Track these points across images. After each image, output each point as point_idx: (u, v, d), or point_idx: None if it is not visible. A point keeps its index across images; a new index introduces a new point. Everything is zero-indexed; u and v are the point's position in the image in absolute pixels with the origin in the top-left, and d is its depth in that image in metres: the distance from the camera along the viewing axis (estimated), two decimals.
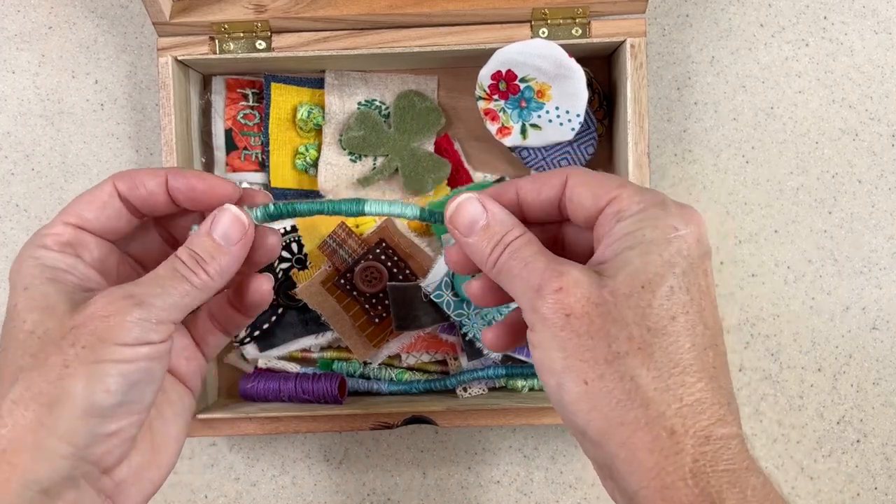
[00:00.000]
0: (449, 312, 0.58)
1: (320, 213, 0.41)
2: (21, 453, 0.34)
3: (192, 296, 0.38)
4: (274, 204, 0.40)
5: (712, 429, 0.33)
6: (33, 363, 0.35)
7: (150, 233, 0.43)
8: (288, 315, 0.62)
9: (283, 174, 0.62)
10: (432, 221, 0.41)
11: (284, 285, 0.61)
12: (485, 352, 0.60)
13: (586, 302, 0.34)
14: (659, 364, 0.33)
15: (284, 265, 0.61)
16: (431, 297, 0.58)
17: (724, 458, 0.33)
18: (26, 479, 0.34)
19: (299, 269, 0.61)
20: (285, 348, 0.62)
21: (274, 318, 0.61)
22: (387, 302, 0.60)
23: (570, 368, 0.34)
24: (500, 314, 0.58)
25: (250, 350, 0.62)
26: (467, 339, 0.60)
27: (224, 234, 0.38)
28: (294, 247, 0.61)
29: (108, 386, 0.35)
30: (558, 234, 0.41)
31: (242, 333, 0.61)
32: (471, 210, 0.38)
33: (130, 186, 0.40)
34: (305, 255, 0.61)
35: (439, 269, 0.58)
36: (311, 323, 0.61)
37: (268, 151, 0.62)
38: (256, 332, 0.61)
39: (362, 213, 0.41)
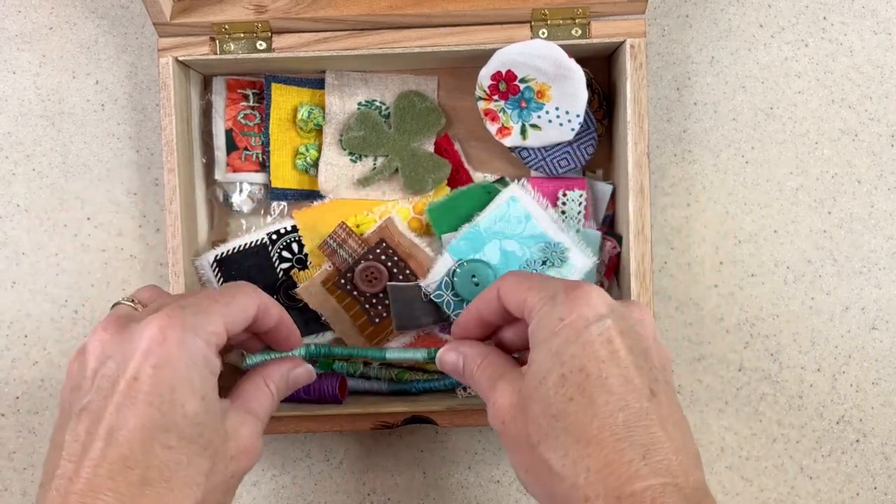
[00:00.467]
0: (449, 312, 0.58)
1: (350, 356, 0.60)
2: None
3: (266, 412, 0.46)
4: (315, 345, 0.59)
5: (623, 488, 0.36)
6: (211, 484, 0.39)
7: None
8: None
9: (284, 174, 0.62)
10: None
11: (285, 285, 0.61)
12: None
13: (510, 408, 0.41)
14: (564, 444, 0.38)
15: (285, 265, 0.61)
16: (432, 297, 0.58)
17: None
18: None
19: (299, 269, 0.61)
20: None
21: None
22: (387, 302, 0.60)
23: (516, 463, 0.41)
24: None
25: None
26: None
27: (296, 382, 0.49)
28: (294, 247, 0.61)
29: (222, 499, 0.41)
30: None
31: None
32: (448, 359, 0.48)
33: (265, 312, 0.46)
34: (306, 255, 0.61)
35: (439, 270, 0.58)
36: (312, 323, 0.61)
37: (268, 152, 0.62)
38: None
39: (384, 359, 0.59)
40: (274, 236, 0.61)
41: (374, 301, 0.60)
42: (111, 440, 0.36)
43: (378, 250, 0.59)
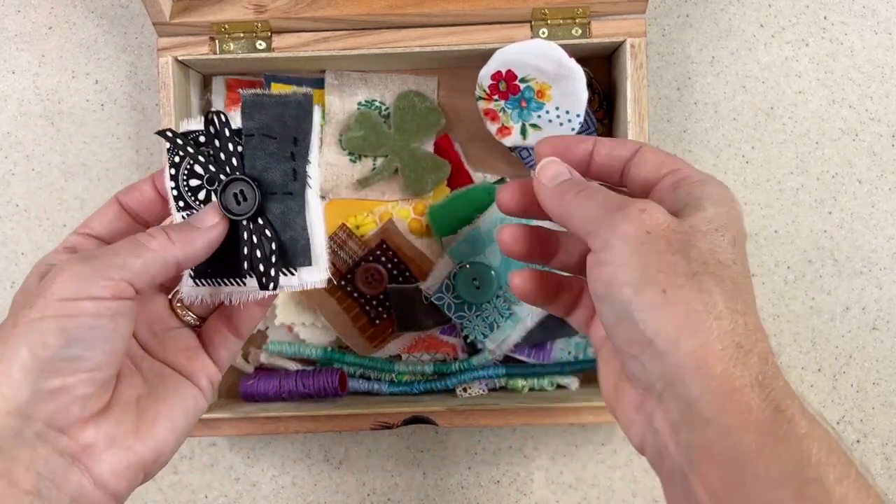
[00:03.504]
0: (450, 314, 0.58)
1: (361, 366, 0.62)
2: None
3: (147, 259, 0.38)
4: (331, 348, 0.58)
5: (768, 354, 0.35)
6: None
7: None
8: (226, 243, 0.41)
9: None
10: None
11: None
12: (486, 354, 0.60)
13: (667, 226, 0.36)
14: (728, 289, 0.35)
15: (201, 194, 0.42)
16: (432, 299, 0.58)
17: (780, 377, 0.34)
18: None
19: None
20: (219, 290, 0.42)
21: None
22: (387, 303, 0.60)
23: (648, 279, 0.35)
24: (502, 317, 0.58)
25: (186, 288, 0.43)
26: (468, 340, 0.60)
27: (198, 218, 0.40)
28: (199, 168, 0.42)
29: (46, 339, 0.36)
30: None
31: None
32: (558, 167, 0.41)
33: (129, 193, 0.43)
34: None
35: (440, 272, 0.58)
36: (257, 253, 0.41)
37: None
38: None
39: (393, 371, 0.62)
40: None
41: (374, 303, 0.60)
42: None
43: (378, 252, 0.59)
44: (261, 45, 0.58)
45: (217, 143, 0.42)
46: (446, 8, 0.57)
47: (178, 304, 0.44)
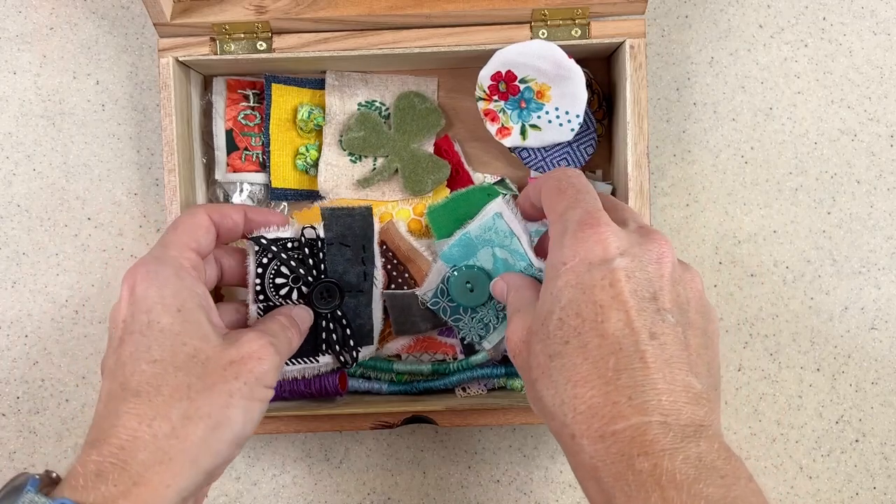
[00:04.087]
0: (445, 318, 0.58)
1: (361, 365, 0.61)
2: (185, 464, 0.39)
3: (290, 353, 0.49)
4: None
5: (606, 428, 0.37)
6: (202, 386, 0.41)
7: (212, 265, 0.51)
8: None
9: (284, 174, 0.62)
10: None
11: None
12: (484, 353, 0.60)
13: (519, 342, 0.43)
14: (556, 383, 0.39)
15: (283, 290, 0.54)
16: (428, 304, 0.58)
17: (612, 451, 0.36)
18: (181, 487, 0.39)
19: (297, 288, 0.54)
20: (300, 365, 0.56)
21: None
22: (386, 305, 0.60)
23: (526, 392, 0.42)
24: (497, 319, 0.58)
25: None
26: (465, 342, 0.60)
27: (299, 318, 0.51)
28: (285, 269, 0.53)
29: (255, 420, 0.42)
30: None
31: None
32: (497, 286, 0.52)
33: (221, 216, 0.49)
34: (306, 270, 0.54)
35: (434, 278, 0.58)
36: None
37: (268, 152, 0.62)
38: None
39: (391, 370, 0.61)
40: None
41: None
42: (114, 372, 0.41)
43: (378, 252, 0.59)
44: (261, 45, 0.58)
45: (307, 250, 0.53)
46: (446, 9, 0.57)
47: None
